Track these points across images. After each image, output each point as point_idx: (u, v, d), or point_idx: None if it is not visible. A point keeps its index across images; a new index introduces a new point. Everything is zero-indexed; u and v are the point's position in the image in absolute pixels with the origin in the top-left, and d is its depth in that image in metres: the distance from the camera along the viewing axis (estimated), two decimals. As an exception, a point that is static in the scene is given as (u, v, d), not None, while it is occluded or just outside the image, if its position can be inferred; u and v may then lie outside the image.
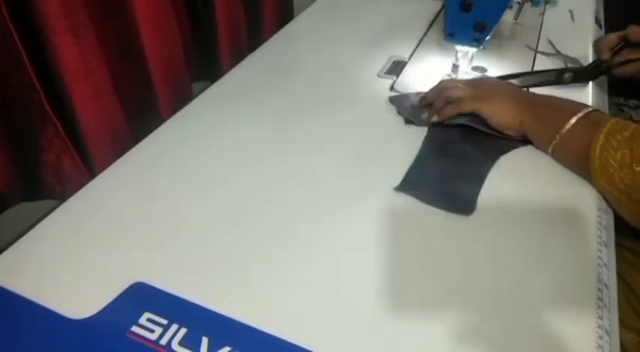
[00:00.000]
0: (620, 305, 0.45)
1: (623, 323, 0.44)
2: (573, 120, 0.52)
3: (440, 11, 0.97)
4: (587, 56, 0.79)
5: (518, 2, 0.91)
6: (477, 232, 0.49)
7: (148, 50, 0.67)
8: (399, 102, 0.68)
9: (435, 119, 0.63)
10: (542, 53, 0.78)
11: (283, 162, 0.59)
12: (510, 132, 0.59)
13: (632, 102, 0.97)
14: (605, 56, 0.73)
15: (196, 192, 0.54)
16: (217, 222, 0.51)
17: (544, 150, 0.56)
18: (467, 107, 0.60)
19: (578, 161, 0.52)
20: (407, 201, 0.52)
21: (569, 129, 0.52)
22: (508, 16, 0.90)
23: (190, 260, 0.47)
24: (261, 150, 0.61)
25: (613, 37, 0.75)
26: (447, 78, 0.72)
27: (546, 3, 0.97)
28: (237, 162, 0.59)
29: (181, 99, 0.74)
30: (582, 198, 0.52)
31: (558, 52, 0.77)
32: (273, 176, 0.56)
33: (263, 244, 0.48)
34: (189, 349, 0.39)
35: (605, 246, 0.48)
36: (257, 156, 0.60)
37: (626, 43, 0.74)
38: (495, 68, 0.76)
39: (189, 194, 0.54)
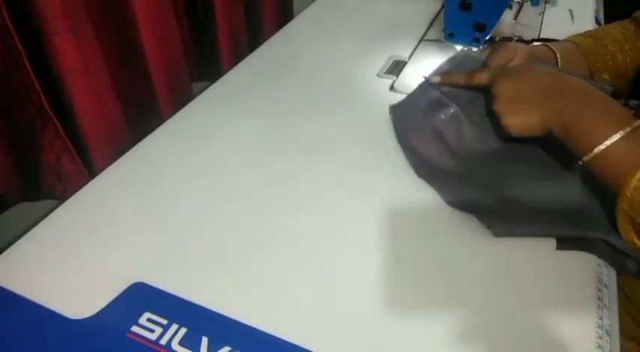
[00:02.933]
0: (619, 315, 0.45)
1: (622, 332, 0.44)
2: (616, 137, 0.42)
3: (440, 11, 0.97)
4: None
5: (518, 2, 0.91)
6: (477, 232, 0.49)
7: (147, 50, 0.67)
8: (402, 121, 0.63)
9: (436, 79, 0.61)
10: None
11: (283, 161, 0.59)
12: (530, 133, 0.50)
13: (632, 102, 0.97)
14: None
15: (196, 192, 0.54)
16: (218, 223, 0.51)
17: (576, 158, 0.47)
18: (481, 78, 0.55)
19: (613, 182, 0.43)
20: (407, 201, 0.52)
21: (609, 146, 0.43)
22: (508, 15, 0.90)
23: (190, 260, 0.47)
24: (261, 150, 0.61)
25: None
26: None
27: (546, 3, 0.97)
28: (237, 162, 0.59)
29: (181, 99, 0.74)
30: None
31: None
32: (273, 175, 0.56)
33: (263, 244, 0.48)
34: (189, 349, 0.39)
35: (605, 245, 0.48)
36: (257, 156, 0.60)
37: None
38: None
39: (189, 194, 0.54)
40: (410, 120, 0.62)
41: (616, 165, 0.43)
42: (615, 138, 0.42)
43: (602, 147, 0.43)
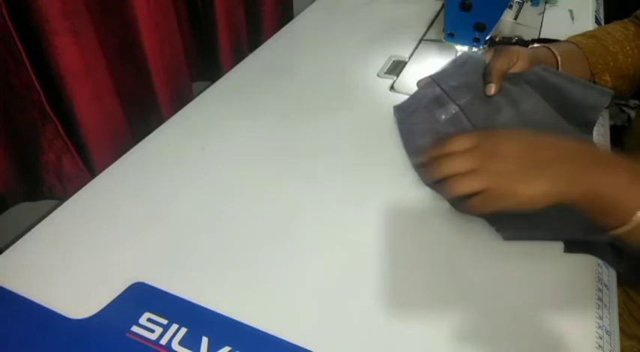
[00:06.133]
0: (619, 314, 0.45)
1: (622, 331, 0.44)
2: None
3: (440, 11, 0.97)
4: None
5: (518, 2, 0.91)
6: (478, 232, 0.49)
7: (148, 50, 0.67)
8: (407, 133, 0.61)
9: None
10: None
11: (283, 161, 0.59)
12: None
13: (633, 102, 0.97)
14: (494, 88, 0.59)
15: (196, 192, 0.54)
16: (218, 223, 0.51)
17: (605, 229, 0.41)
18: (476, 184, 0.42)
19: None
20: (408, 201, 0.52)
21: None
22: (508, 15, 0.90)
23: (190, 260, 0.47)
24: (262, 149, 0.61)
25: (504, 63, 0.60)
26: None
27: (546, 3, 0.97)
28: (237, 162, 0.59)
29: (181, 99, 0.75)
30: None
31: None
32: (273, 176, 0.56)
33: (263, 244, 0.48)
34: (189, 349, 0.39)
35: (605, 245, 0.48)
36: (257, 156, 0.60)
37: None
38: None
39: (189, 194, 0.54)
40: (413, 122, 0.62)
41: None
42: None
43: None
